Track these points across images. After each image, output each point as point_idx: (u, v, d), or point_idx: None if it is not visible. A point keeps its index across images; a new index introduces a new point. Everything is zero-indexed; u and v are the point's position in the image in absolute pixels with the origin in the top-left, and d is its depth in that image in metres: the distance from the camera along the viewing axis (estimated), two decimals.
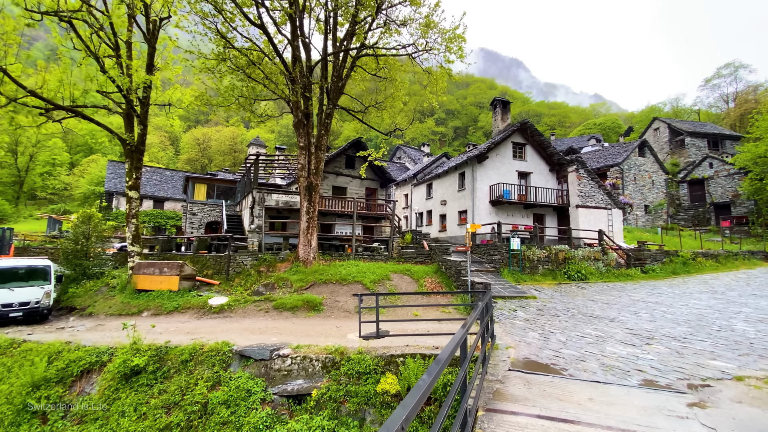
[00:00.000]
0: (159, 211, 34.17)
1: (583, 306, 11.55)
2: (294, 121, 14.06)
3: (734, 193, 30.82)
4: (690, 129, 40.42)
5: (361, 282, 13.09)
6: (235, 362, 8.05)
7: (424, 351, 7.23)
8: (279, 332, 9.67)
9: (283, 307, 11.71)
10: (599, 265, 17.41)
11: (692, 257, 19.62)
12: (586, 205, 20.55)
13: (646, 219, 31.42)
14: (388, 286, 13.14)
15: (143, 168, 39.36)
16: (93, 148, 63.95)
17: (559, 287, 14.60)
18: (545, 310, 10.92)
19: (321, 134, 14.88)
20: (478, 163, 20.27)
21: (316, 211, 14.64)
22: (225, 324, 10.97)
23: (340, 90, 15.65)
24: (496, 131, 21.81)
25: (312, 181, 14.43)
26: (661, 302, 12.00)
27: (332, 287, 12.91)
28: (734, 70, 63.63)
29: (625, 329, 8.69)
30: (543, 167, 21.79)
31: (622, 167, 30.87)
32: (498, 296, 12.32)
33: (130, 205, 15.39)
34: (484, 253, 16.99)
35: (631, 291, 14.26)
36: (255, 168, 20.40)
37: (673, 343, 7.58)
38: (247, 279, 14.07)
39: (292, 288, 12.99)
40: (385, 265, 15.15)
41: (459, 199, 21.82)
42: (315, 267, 14.03)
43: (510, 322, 9.53)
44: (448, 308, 11.51)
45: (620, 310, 10.94)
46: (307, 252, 14.34)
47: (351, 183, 24.40)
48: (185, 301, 12.72)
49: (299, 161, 14.12)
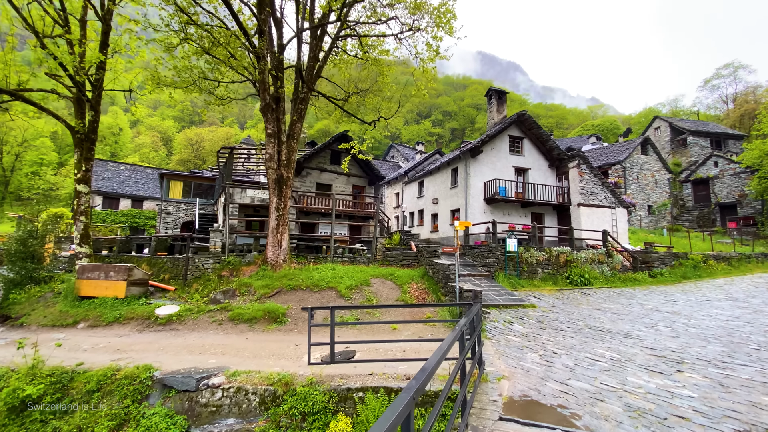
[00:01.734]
0: (137, 211, 32.37)
1: (590, 317, 9.92)
2: (261, 105, 12.41)
3: (741, 193, 29.36)
4: (692, 128, 39.05)
5: (336, 288, 11.40)
6: (156, 393, 6.34)
7: (391, 383, 5.56)
8: (224, 351, 7.96)
9: (239, 318, 10.00)
10: (604, 269, 15.81)
11: (703, 260, 18.07)
12: (589, 204, 18.97)
13: (650, 220, 29.90)
14: (366, 292, 11.46)
15: (123, 165, 37.76)
16: None
17: (561, 294, 12.97)
18: (546, 323, 9.27)
19: (294, 121, 13.24)
20: (471, 158, 18.67)
21: (287, 207, 12.96)
22: (167, 339, 9.25)
23: (318, 73, 14.03)
24: (492, 124, 20.21)
25: (282, 173, 12.76)
26: (679, 312, 10.37)
27: (301, 294, 11.21)
28: (734, 71, 62.58)
29: (645, 348, 7.05)
30: (542, 163, 20.21)
31: (624, 165, 29.37)
32: (492, 305, 10.67)
33: (78, 200, 13.66)
34: (477, 255, 15.36)
35: (642, 298, 12.64)
36: (228, 162, 18.71)
37: (711, 369, 5.94)
38: (206, 284, 12.36)
39: (254, 295, 11.28)
40: (367, 269, 13.48)
41: (451, 197, 20.20)
42: (284, 271, 12.33)
43: (504, 339, 7.87)
44: (433, 320, 9.83)
45: (634, 322, 9.30)
46: (276, 254, 12.65)
47: (337, 180, 22.72)
48: (130, 310, 10.99)
49: (267, 150, 12.45)
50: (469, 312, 5.07)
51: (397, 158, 42.06)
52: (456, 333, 3.81)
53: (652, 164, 31.13)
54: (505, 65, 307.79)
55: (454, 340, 3.75)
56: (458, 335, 3.86)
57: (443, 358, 3.34)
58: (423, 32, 13.80)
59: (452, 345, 3.77)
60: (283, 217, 12.77)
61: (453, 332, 3.82)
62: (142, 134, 78.60)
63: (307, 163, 21.56)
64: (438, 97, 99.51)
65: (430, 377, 2.70)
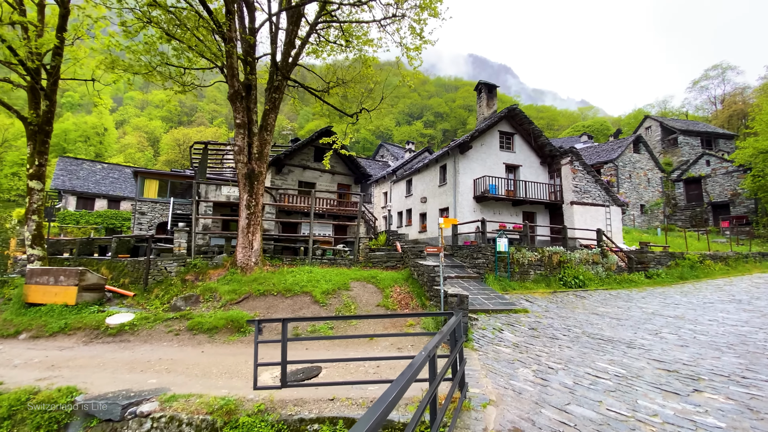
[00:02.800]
0: (114, 212, 30.89)
1: (587, 322, 9.05)
2: (229, 93, 11.35)
3: (733, 191, 28.99)
4: (683, 127, 38.82)
5: (310, 293, 10.38)
6: (77, 423, 5.27)
7: (353, 411, 4.57)
8: (170, 368, 6.89)
9: (198, 328, 8.92)
10: (598, 270, 15.03)
11: (700, 260, 17.42)
12: (582, 202, 18.22)
13: (642, 219, 29.37)
14: (344, 297, 10.45)
15: (100, 164, 36.21)
16: (66, 148, 60.37)
17: (555, 297, 12.11)
18: (540, 330, 8.36)
19: (267, 111, 12.21)
20: (460, 154, 17.79)
21: (259, 204, 11.91)
22: (113, 352, 8.15)
23: (294, 61, 13.04)
24: (481, 119, 19.38)
25: (254, 167, 11.71)
26: (683, 316, 9.56)
27: (271, 301, 10.16)
28: (722, 72, 62.97)
29: (652, 361, 6.17)
30: (533, 159, 19.42)
31: (617, 164, 28.81)
32: (480, 309, 9.75)
33: (30, 198, 12.43)
34: (466, 255, 14.46)
35: (640, 301, 11.84)
36: (203, 158, 17.58)
37: (732, 387, 5.06)
38: (168, 290, 11.23)
39: (219, 302, 10.20)
40: (347, 271, 12.48)
41: (440, 195, 19.30)
42: (255, 275, 11.27)
43: (493, 351, 6.93)
44: (411, 333, 8.87)
45: (635, 328, 8.45)
46: (247, 256, 11.59)
47: (321, 178, 21.70)
48: (78, 319, 9.82)
49: (236, 143, 11.40)
50: (444, 328, 4.11)
51: (387, 158, 41.14)
52: (422, 358, 2.85)
53: (644, 163, 30.66)
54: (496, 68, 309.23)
55: (420, 365, 2.79)
56: (425, 359, 2.89)
57: (409, 384, 2.40)
58: (406, 18, 12.91)
59: (421, 369, 2.82)
60: (254, 216, 11.71)
61: (419, 356, 2.86)
62: (128, 134, 76.81)
63: (289, 160, 20.51)
64: (430, 99, 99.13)
65: (388, 412, 1.78)
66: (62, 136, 60.23)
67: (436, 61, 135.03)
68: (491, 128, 18.47)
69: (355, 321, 9.08)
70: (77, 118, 66.18)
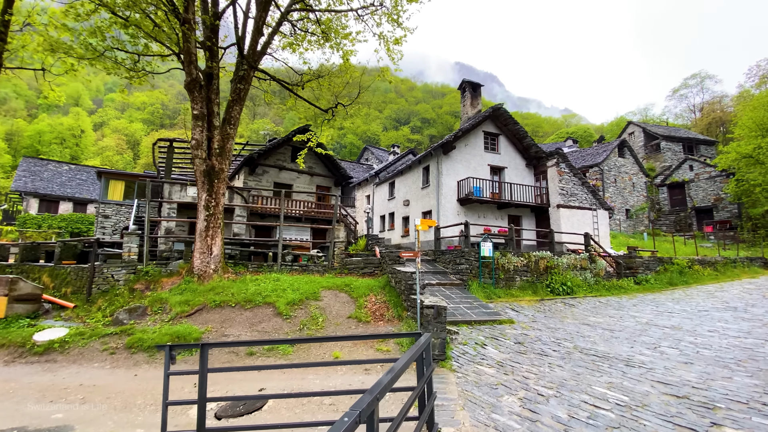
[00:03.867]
0: (79, 215, 29.05)
1: (578, 335, 8.19)
2: (186, 81, 10.25)
3: (716, 196, 29.00)
4: (665, 133, 39.16)
5: (273, 304, 9.28)
6: None
7: None
8: (88, 397, 5.71)
9: (139, 345, 7.73)
10: (587, 276, 14.31)
11: (688, 265, 16.93)
12: (569, 205, 17.58)
13: (628, 224, 29.10)
14: (312, 308, 9.38)
15: (67, 165, 34.22)
16: (40, 150, 57.70)
17: (542, 305, 11.28)
18: (527, 344, 7.46)
19: (232, 102, 11.14)
20: (444, 155, 16.96)
21: (220, 205, 10.77)
22: (32, 375, 6.90)
23: (263, 50, 12.04)
24: (465, 119, 18.63)
25: (214, 164, 10.59)
26: (680, 327, 8.80)
27: (228, 313, 9.02)
28: (700, 81, 64.29)
29: (657, 383, 5.30)
30: (519, 161, 18.74)
31: (602, 168, 28.52)
32: (462, 321, 8.81)
33: None
34: (449, 261, 13.56)
35: (632, 309, 11.10)
36: (169, 157, 16.32)
37: (756, 419, 4.21)
38: (114, 300, 9.96)
39: (169, 314, 9.01)
40: (319, 279, 11.41)
41: (423, 197, 18.42)
42: (213, 283, 10.11)
43: (474, 372, 5.98)
44: (388, 343, 7.86)
45: (631, 341, 7.63)
46: (205, 262, 10.41)
47: (298, 180, 20.59)
48: (3, 334, 8.49)
49: (194, 136, 10.28)
50: (403, 358, 3.13)
51: (372, 161, 40.23)
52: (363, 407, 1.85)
53: (629, 167, 30.50)
54: (482, 76, 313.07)
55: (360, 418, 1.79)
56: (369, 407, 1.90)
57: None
58: (384, 6, 12.09)
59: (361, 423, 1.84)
60: (214, 218, 10.57)
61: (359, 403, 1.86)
62: (107, 137, 74.19)
63: (264, 160, 19.37)
64: (417, 104, 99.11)
65: None
66: (36, 137, 57.83)
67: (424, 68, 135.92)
68: (476, 128, 17.73)
69: (308, 342, 8.02)
70: (53, 120, 63.58)
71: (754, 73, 39.72)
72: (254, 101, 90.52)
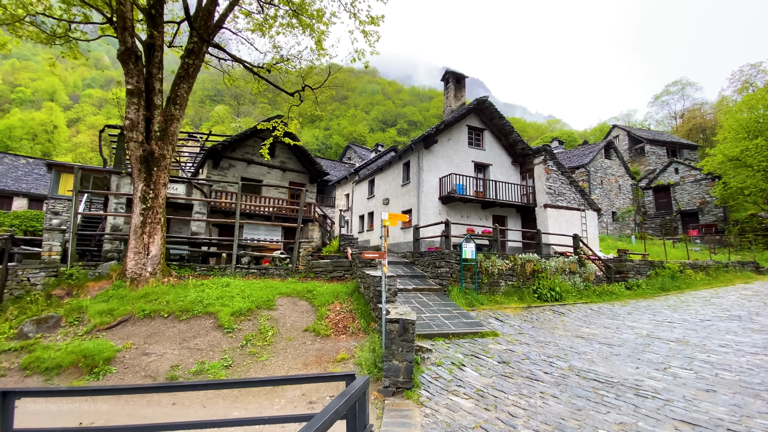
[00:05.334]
0: (35, 212, 26.59)
1: (572, 351, 6.98)
2: (119, 50, 8.73)
3: (702, 200, 28.64)
4: (649, 137, 39.02)
5: (216, 314, 7.79)
6: None
7: None
8: None
9: (36, 366, 6.17)
10: (576, 280, 13.24)
11: (680, 269, 16.09)
12: (557, 205, 16.56)
13: (615, 227, 28.47)
14: (263, 320, 7.92)
15: (24, 159, 31.72)
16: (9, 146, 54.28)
17: (529, 313, 10.09)
18: (514, 364, 6.19)
19: (178, 79, 9.64)
20: (425, 149, 15.73)
21: (160, 197, 9.24)
22: None
23: (219, 23, 10.60)
24: (448, 111, 17.46)
25: (153, 149, 9.06)
26: (686, 341, 7.69)
27: (158, 325, 7.49)
28: (681, 88, 65.16)
29: (680, 423, 4.08)
30: (504, 158, 17.67)
31: (589, 169, 27.85)
32: (439, 334, 7.52)
33: None
34: (428, 264, 12.28)
35: (627, 318, 10.01)
36: (119, 147, 14.63)
37: None
38: (26, 308, 8.29)
39: (86, 326, 7.43)
40: (278, 284, 9.96)
41: (403, 195, 17.14)
42: (148, 288, 8.56)
43: (448, 405, 4.66)
44: (347, 364, 6.48)
45: (635, 359, 6.45)
46: (140, 264, 8.85)
47: (269, 175, 19.06)
48: None
49: (127, 116, 8.74)
50: (318, 420, 1.78)
51: (355, 160, 38.85)
52: None
53: (615, 169, 29.96)
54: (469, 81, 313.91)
55: None
56: None
57: None
58: None
59: None
60: (152, 212, 9.03)
61: None
62: (81, 133, 70.77)
63: (230, 152, 17.79)
64: (404, 107, 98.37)
65: None
66: (6, 132, 54.44)
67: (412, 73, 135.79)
68: (459, 122, 16.57)
69: (266, 355, 6.58)
70: (24, 115, 60.16)
71: (737, 78, 39.94)
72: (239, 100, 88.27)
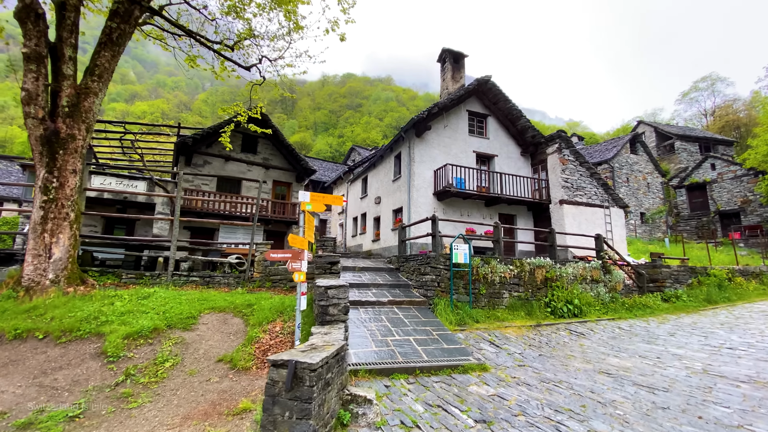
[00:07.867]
0: (10, 219, 25.85)
1: (593, 400, 4.67)
2: (17, 8, 7.09)
3: (744, 198, 25.29)
4: (679, 132, 35.62)
5: (105, 336, 5.85)
6: None
7: None
8: None
9: None
10: (600, 290, 10.77)
11: (728, 277, 13.34)
12: (575, 201, 14.09)
13: (644, 229, 25.44)
14: (168, 344, 5.92)
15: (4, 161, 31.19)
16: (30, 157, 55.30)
17: (538, 334, 7.77)
18: (498, 426, 3.96)
19: (100, 46, 7.92)
20: (417, 137, 13.61)
21: (67, 188, 7.46)
22: None
23: None
24: (445, 94, 15.26)
25: (59, 128, 7.32)
26: (764, 379, 5.25)
27: (22, 350, 5.59)
28: (711, 84, 60.96)
29: None
30: (512, 148, 15.34)
31: (612, 165, 25.02)
32: (399, 369, 5.34)
33: None
34: (413, 270, 10.11)
35: (670, 341, 7.54)
36: None
37: None
38: None
39: None
40: (216, 296, 8.01)
41: (394, 192, 15.03)
42: (41, 300, 6.74)
43: None
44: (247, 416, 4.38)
45: (694, 417, 4.10)
46: (39, 270, 7.07)
47: (250, 173, 17.32)
48: None
49: (24, 86, 7.05)
50: None
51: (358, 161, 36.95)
52: None
53: (642, 165, 26.98)
54: None
55: None
56: None
57: None
58: None
59: None
60: (57, 206, 7.26)
61: None
62: None
63: (205, 147, 16.16)
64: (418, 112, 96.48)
65: None
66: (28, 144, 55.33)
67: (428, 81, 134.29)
68: (458, 106, 14.39)
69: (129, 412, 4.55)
70: None
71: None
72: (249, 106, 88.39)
